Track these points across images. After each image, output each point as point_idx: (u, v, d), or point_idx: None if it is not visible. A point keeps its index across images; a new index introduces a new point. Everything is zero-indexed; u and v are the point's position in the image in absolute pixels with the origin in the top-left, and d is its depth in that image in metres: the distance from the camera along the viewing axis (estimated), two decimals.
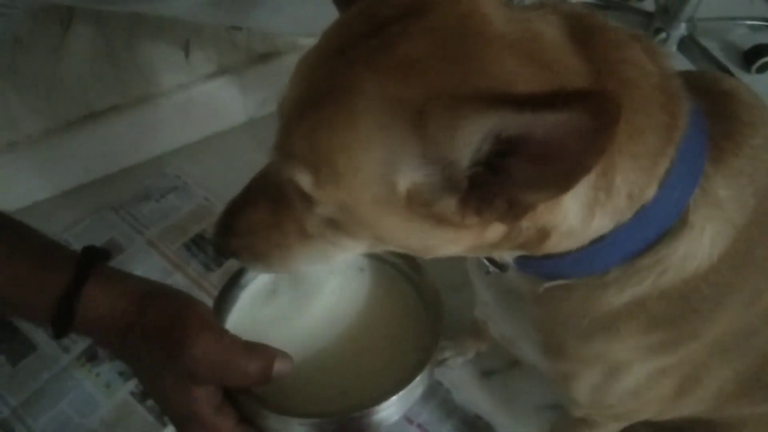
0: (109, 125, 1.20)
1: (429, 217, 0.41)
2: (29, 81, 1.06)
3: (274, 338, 0.52)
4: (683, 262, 0.47)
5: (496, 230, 0.43)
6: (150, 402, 1.00)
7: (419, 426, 1.02)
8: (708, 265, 0.48)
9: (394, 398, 0.48)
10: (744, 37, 1.70)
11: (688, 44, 1.55)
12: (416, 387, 0.50)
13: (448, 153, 0.37)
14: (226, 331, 0.50)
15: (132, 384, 1.02)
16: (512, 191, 0.37)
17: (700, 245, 0.47)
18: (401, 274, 0.59)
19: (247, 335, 0.50)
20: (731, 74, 1.48)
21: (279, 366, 0.48)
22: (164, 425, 0.99)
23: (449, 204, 0.40)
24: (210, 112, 1.30)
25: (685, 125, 0.44)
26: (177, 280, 1.15)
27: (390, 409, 0.49)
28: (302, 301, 0.57)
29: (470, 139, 0.35)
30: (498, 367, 1.10)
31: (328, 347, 0.54)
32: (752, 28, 1.71)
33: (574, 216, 0.43)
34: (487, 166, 0.37)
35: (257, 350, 0.48)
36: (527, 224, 0.43)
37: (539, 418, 1.04)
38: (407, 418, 1.02)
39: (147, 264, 1.16)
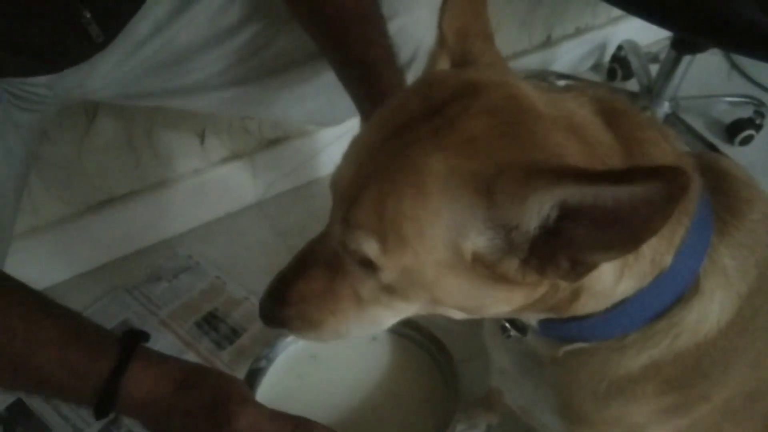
0: (125, 209, 1.25)
1: (490, 278, 0.44)
2: (53, 169, 1.11)
3: (301, 409, 0.54)
4: (696, 326, 0.51)
5: (542, 289, 0.46)
6: None
7: None
8: (717, 330, 0.51)
9: None
10: (725, 113, 1.79)
11: (673, 121, 1.64)
12: None
13: (514, 219, 0.40)
14: (263, 406, 0.52)
15: None
16: (577, 252, 0.40)
17: (711, 311, 0.50)
18: (414, 342, 0.62)
19: (275, 407, 0.53)
20: (716, 148, 1.56)
21: None
22: None
23: (512, 264, 0.43)
24: (221, 193, 1.35)
25: (696, 199, 0.49)
26: (189, 359, 1.16)
27: None
28: (325, 373, 0.60)
29: (541, 208, 0.39)
30: None
31: (350, 415, 0.57)
32: (732, 104, 1.81)
33: (609, 278, 0.47)
34: (552, 229, 0.40)
35: (301, 421, 0.50)
36: (566, 284, 0.46)
37: None
38: None
39: (160, 343, 1.18)
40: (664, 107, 1.63)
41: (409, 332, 0.61)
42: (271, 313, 0.52)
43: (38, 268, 1.15)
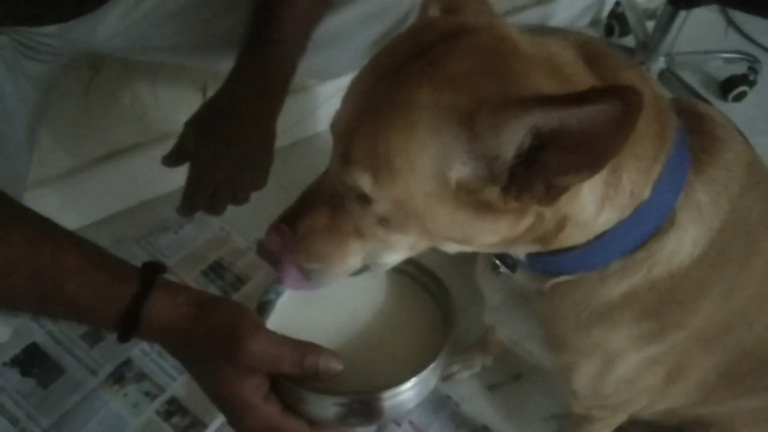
0: (131, 161, 1.28)
1: (474, 206, 0.48)
2: (59, 121, 1.14)
3: (307, 336, 0.58)
4: (670, 258, 0.55)
5: (527, 220, 0.50)
6: (175, 419, 1.06)
7: None
8: (690, 262, 0.55)
9: (410, 382, 0.56)
10: (719, 69, 1.82)
11: (668, 77, 1.66)
12: (430, 375, 0.58)
13: (494, 149, 0.44)
14: (274, 332, 0.57)
15: (158, 403, 1.08)
16: (551, 176, 0.44)
17: (684, 242, 0.55)
18: (413, 278, 0.66)
19: (285, 333, 0.58)
20: (710, 104, 1.58)
21: (327, 363, 0.55)
22: None
23: (493, 192, 0.46)
24: None
25: (673, 137, 0.53)
26: None
27: (408, 393, 0.56)
28: (328, 304, 0.65)
29: (515, 135, 0.43)
30: (503, 381, 1.16)
31: (353, 341, 0.62)
32: (727, 60, 1.82)
33: (589, 208, 0.51)
34: (527, 156, 0.44)
35: (309, 346, 0.55)
36: (550, 214, 0.50)
37: (543, 428, 1.10)
38: (419, 430, 1.08)
39: None
40: (660, 62, 1.66)
41: (408, 269, 0.66)
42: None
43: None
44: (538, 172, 0.44)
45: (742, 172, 0.56)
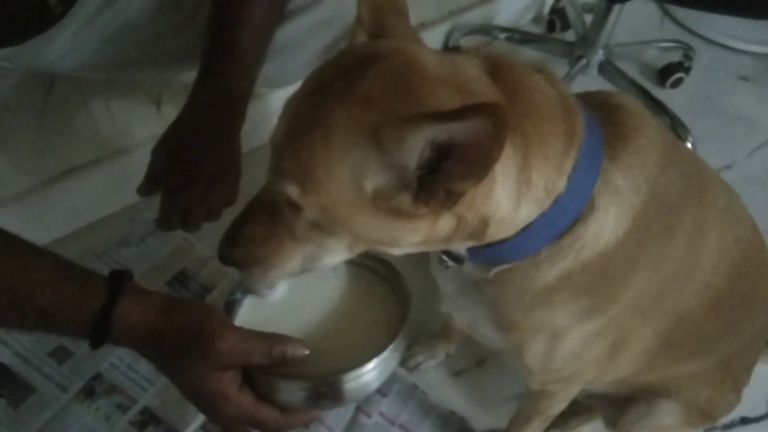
0: (88, 177, 1.29)
1: (390, 212, 0.53)
2: (14, 142, 1.14)
3: (273, 330, 0.63)
4: (595, 239, 0.60)
5: (446, 222, 0.55)
6: (149, 429, 1.08)
7: (401, 426, 1.12)
8: (615, 241, 0.60)
9: (371, 363, 0.61)
10: (656, 57, 1.90)
11: (607, 68, 1.74)
12: (390, 356, 0.63)
13: (399, 160, 0.50)
14: (241, 327, 0.61)
15: (131, 414, 1.09)
16: (447, 183, 0.50)
17: (606, 224, 0.60)
18: (372, 271, 0.71)
19: (252, 329, 0.62)
20: (648, 92, 1.67)
21: (294, 350, 0.59)
22: None
23: (404, 199, 0.52)
24: None
25: (582, 131, 0.58)
26: None
27: (370, 374, 0.62)
28: (292, 299, 0.68)
29: (413, 147, 0.48)
30: (466, 367, 1.21)
31: (316, 332, 0.66)
32: (663, 48, 1.91)
33: (505, 206, 0.56)
34: (429, 168, 0.50)
35: (275, 337, 0.59)
36: (470, 216, 0.55)
37: (507, 408, 1.14)
38: (389, 420, 1.12)
39: None
40: (599, 55, 1.73)
41: (366, 261, 0.70)
42: (226, 254, 0.60)
43: None
44: (438, 180, 0.50)
45: (657, 156, 0.61)
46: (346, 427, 1.10)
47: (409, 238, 0.56)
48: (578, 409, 1.08)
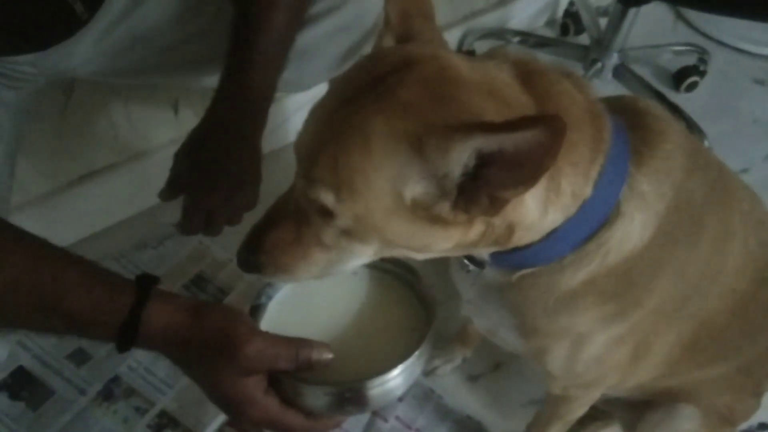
0: (107, 182, 1.30)
1: (428, 219, 0.53)
2: (35, 146, 1.15)
3: (298, 335, 0.63)
4: (621, 245, 0.60)
5: (476, 229, 0.56)
6: None
7: (418, 430, 1.12)
8: (641, 246, 0.60)
9: (396, 370, 0.61)
10: (671, 61, 1.89)
11: (622, 71, 1.73)
12: (415, 363, 0.62)
13: (442, 169, 0.49)
14: (268, 332, 0.61)
15: (148, 418, 1.10)
16: (492, 190, 0.50)
17: (632, 230, 0.60)
18: (395, 276, 0.71)
19: (277, 333, 0.62)
20: (663, 95, 1.66)
21: (319, 354, 0.60)
22: None
23: (444, 206, 0.52)
24: None
25: (609, 138, 0.58)
26: None
27: (395, 381, 0.61)
28: (316, 305, 0.69)
29: (460, 157, 0.48)
30: (483, 371, 1.21)
31: (341, 338, 0.66)
32: (677, 52, 1.90)
33: (534, 212, 0.56)
34: (472, 175, 0.50)
35: (301, 341, 0.59)
36: (499, 222, 0.55)
37: (523, 412, 1.14)
38: (406, 424, 1.12)
39: None
40: (614, 58, 1.72)
41: (388, 266, 0.71)
42: (247, 261, 0.60)
43: None
44: (482, 188, 0.50)
45: (682, 160, 0.61)
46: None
47: (441, 244, 0.56)
48: (596, 413, 1.08)
